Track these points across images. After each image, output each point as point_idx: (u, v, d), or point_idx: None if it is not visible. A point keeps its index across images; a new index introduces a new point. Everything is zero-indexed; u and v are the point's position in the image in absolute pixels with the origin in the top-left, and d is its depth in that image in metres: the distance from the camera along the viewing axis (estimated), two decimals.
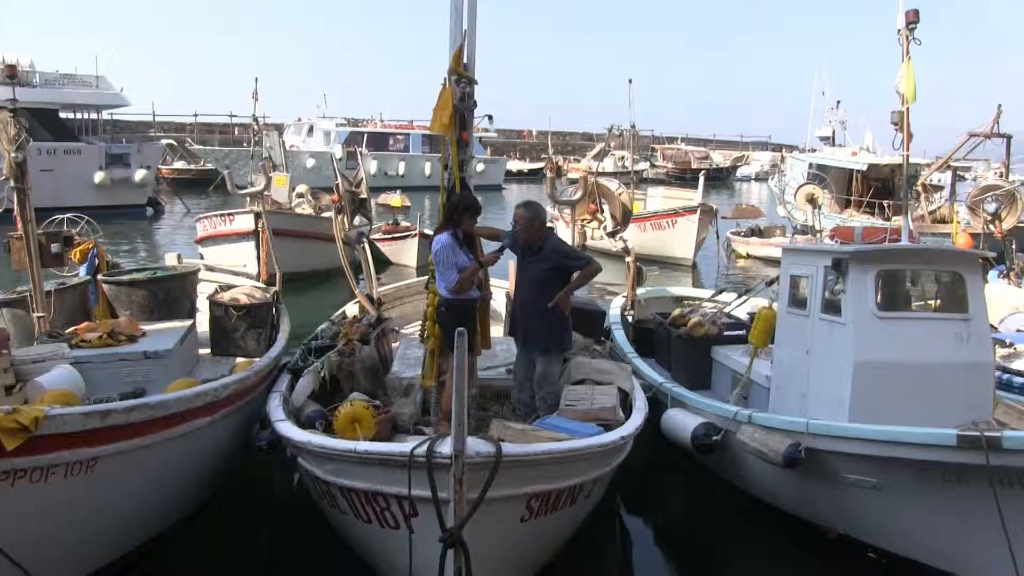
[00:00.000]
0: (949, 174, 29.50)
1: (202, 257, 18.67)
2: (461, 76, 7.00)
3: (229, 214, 19.14)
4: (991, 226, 15.79)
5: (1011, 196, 16.16)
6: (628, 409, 7.14)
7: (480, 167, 52.02)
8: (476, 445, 4.75)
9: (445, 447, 4.66)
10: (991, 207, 15.95)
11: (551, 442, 5.57)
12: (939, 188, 31.03)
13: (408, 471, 4.85)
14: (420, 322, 9.72)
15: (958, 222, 18.49)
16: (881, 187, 31.43)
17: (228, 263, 17.12)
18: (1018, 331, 10.78)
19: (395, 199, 27.24)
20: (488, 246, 7.79)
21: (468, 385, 5.58)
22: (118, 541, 5.99)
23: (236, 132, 65.51)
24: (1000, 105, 25.67)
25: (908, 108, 8.32)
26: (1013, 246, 15.31)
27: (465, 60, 7.03)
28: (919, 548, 6.39)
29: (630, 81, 32.03)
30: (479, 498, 4.64)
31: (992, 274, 13.41)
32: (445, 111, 6.93)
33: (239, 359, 8.53)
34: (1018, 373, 9.20)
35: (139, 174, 34.98)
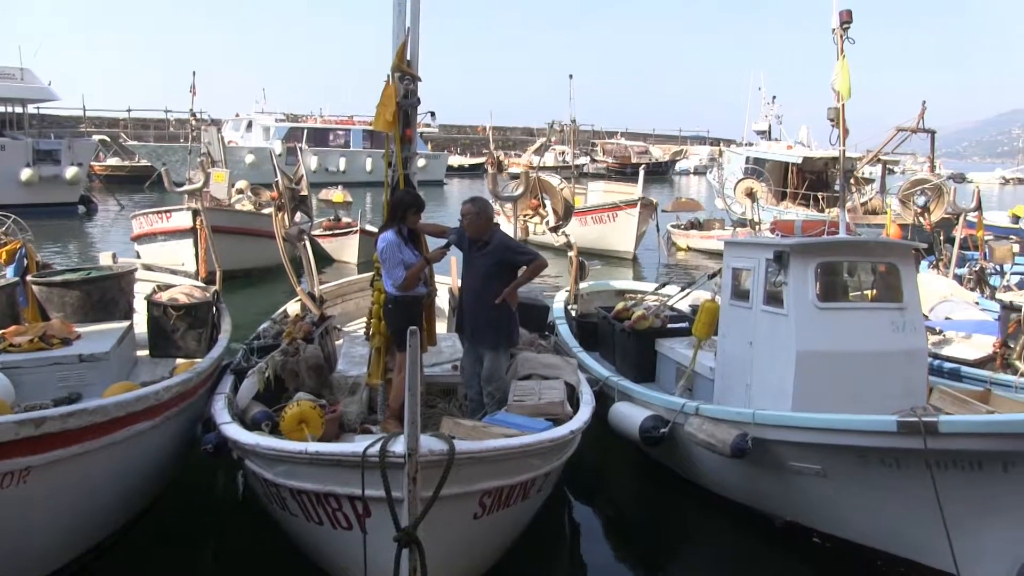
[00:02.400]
0: (880, 167, 30.27)
1: (138, 256, 18.28)
2: (404, 73, 6.95)
3: (166, 211, 18.75)
4: (921, 218, 16.21)
5: (939, 190, 16.61)
6: (575, 403, 7.17)
7: (421, 163, 51.88)
8: (429, 443, 4.71)
9: (398, 446, 4.63)
10: (920, 200, 16.37)
11: (503, 438, 5.56)
12: (870, 181, 31.83)
13: (361, 471, 4.80)
14: (363, 320, 9.65)
15: (890, 214, 18.93)
16: (816, 180, 32.14)
17: (166, 261, 16.80)
18: (947, 319, 11.07)
19: (336, 195, 27.07)
20: (433, 243, 7.75)
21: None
22: (54, 554, 5.78)
23: (172, 128, 64.35)
24: (924, 102, 26.45)
25: (844, 104, 8.47)
26: (941, 237, 15.76)
27: (408, 57, 6.98)
28: (862, 531, 6.55)
29: (571, 77, 32.26)
30: (433, 496, 4.61)
31: (923, 264, 13.78)
32: (388, 108, 6.88)
33: (179, 360, 8.34)
34: (948, 359, 9.47)
35: (70, 171, 33.93)
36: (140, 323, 9.09)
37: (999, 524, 5.71)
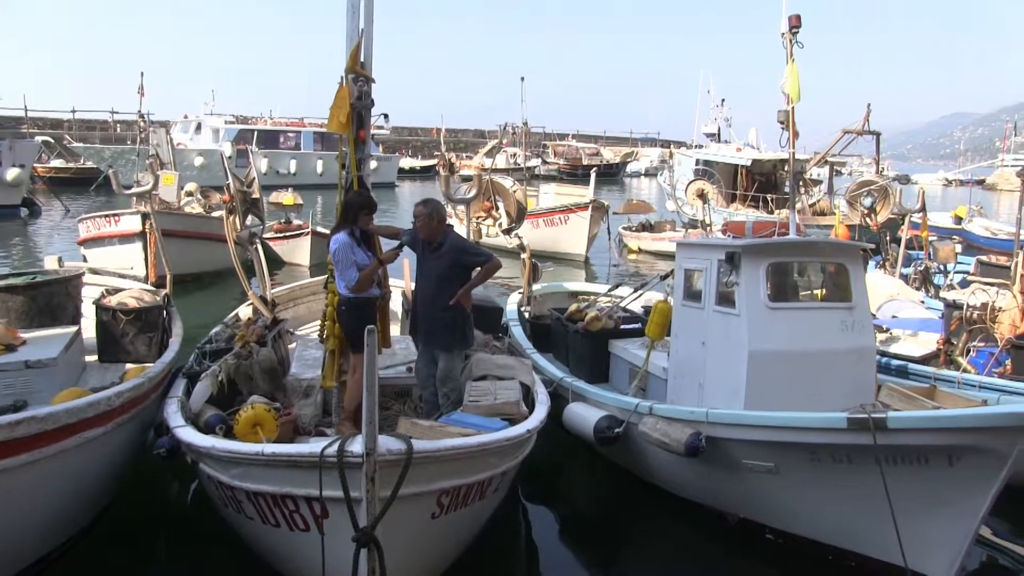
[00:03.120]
0: (827, 169, 30.82)
1: (85, 259, 17.92)
2: (358, 74, 6.93)
3: (115, 214, 18.41)
4: (868, 219, 16.54)
5: (885, 191, 16.95)
6: (530, 403, 7.20)
7: (373, 165, 51.62)
8: (387, 443, 4.71)
9: (356, 446, 4.62)
10: (867, 201, 16.70)
11: (460, 437, 5.57)
12: (818, 182, 32.38)
13: (319, 471, 4.77)
14: (316, 323, 9.59)
15: (840, 215, 19.27)
16: (765, 181, 32.57)
17: (114, 266, 16.47)
18: (894, 317, 11.32)
19: (287, 197, 26.75)
20: (387, 244, 7.73)
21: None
22: (3, 566, 5.67)
23: (119, 129, 63.22)
24: (869, 104, 27.00)
25: (793, 108, 8.59)
26: (887, 238, 16.10)
27: (362, 58, 6.95)
28: (813, 527, 6.67)
29: (522, 79, 32.39)
30: (391, 496, 4.61)
31: (870, 264, 14.06)
32: (342, 110, 6.85)
33: (129, 365, 8.21)
34: (895, 356, 9.69)
35: (11, 173, 33.03)
36: (88, 328, 8.94)
37: (944, 516, 5.86)
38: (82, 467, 6.16)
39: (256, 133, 52.69)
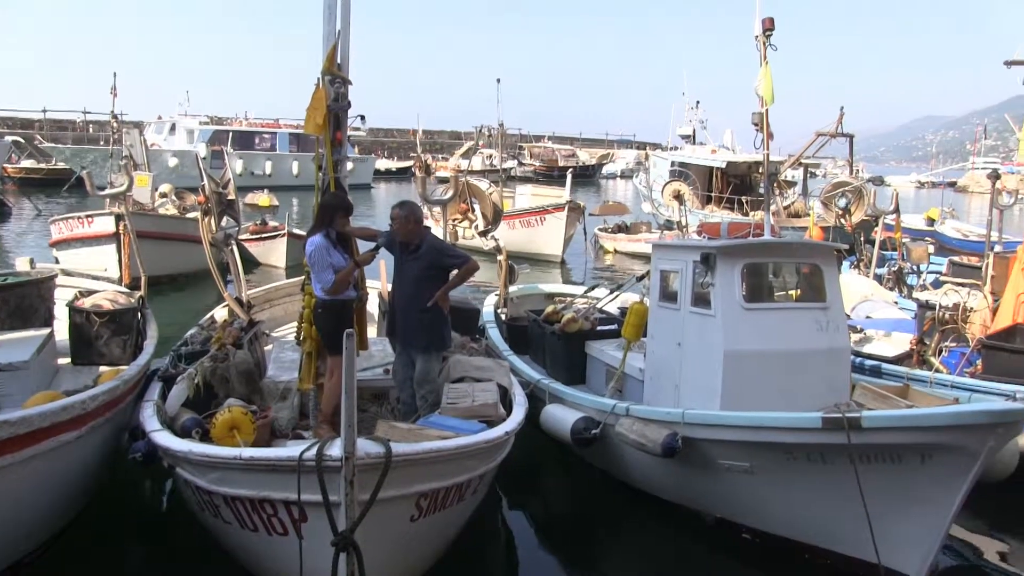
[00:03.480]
0: (801, 171, 31.06)
1: (57, 261, 17.74)
2: (335, 76, 6.91)
3: (88, 216, 18.23)
4: (842, 220, 16.68)
5: (859, 192, 17.09)
6: (507, 405, 7.21)
7: (349, 166, 51.44)
8: (366, 446, 4.69)
9: (335, 449, 4.60)
10: (842, 202, 16.83)
11: (439, 440, 5.55)
12: (792, 184, 32.63)
13: (298, 475, 4.75)
14: (292, 324, 9.54)
15: (815, 216, 19.42)
16: (739, 183, 32.76)
17: (87, 267, 16.31)
18: (868, 317, 11.43)
19: (262, 199, 26.68)
20: (364, 246, 7.71)
21: None
22: None
23: (91, 130, 62.58)
24: (843, 107, 27.29)
25: (767, 110, 8.65)
26: (861, 239, 16.25)
27: (339, 60, 6.93)
28: (789, 525, 6.72)
29: (498, 81, 32.38)
30: (371, 499, 4.60)
31: (844, 265, 14.19)
32: (319, 111, 6.82)
33: (103, 368, 8.14)
34: (869, 356, 9.78)
35: None
36: (61, 330, 8.85)
37: (916, 513, 5.94)
38: (56, 471, 6.10)
39: (231, 134, 52.35)
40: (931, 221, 29.30)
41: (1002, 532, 7.37)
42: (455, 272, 7.42)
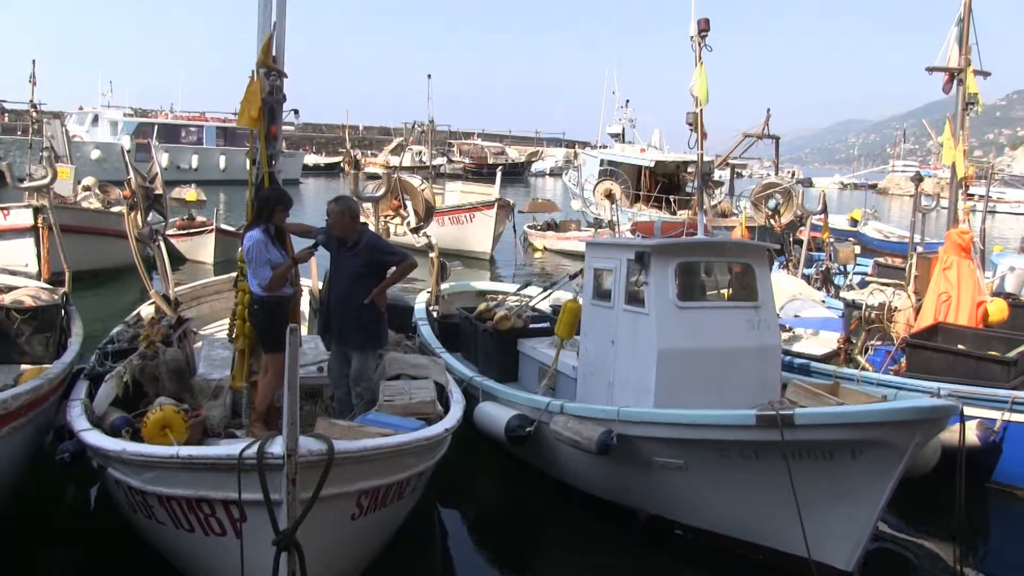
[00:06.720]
0: (728, 171, 31.57)
1: None
2: (270, 69, 6.77)
3: (3, 208, 17.59)
4: (772, 220, 16.98)
5: (788, 193, 17.42)
6: (444, 403, 7.16)
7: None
8: (308, 444, 4.61)
9: (276, 447, 4.51)
10: (772, 203, 17.14)
11: (380, 438, 5.50)
12: (719, 184, 33.15)
13: (238, 474, 4.63)
14: (221, 322, 9.33)
15: (745, 217, 19.74)
16: (667, 182, 33.19)
17: (4, 262, 15.75)
18: (796, 316, 11.63)
19: (189, 193, 25.99)
20: (299, 243, 7.57)
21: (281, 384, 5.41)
22: None
23: (7, 119, 60.43)
24: (769, 109, 27.81)
25: (701, 110, 8.71)
26: (790, 239, 16.56)
27: (274, 52, 6.79)
28: (722, 521, 6.80)
29: (429, 76, 32.29)
30: (312, 498, 4.51)
31: (774, 265, 14.44)
32: (253, 104, 6.69)
33: (25, 367, 7.86)
34: (798, 355, 9.95)
35: None
36: None
37: (844, 507, 6.07)
38: None
39: (156, 127, 51.19)
40: (854, 222, 30.05)
41: (926, 524, 7.56)
42: (393, 269, 7.33)
